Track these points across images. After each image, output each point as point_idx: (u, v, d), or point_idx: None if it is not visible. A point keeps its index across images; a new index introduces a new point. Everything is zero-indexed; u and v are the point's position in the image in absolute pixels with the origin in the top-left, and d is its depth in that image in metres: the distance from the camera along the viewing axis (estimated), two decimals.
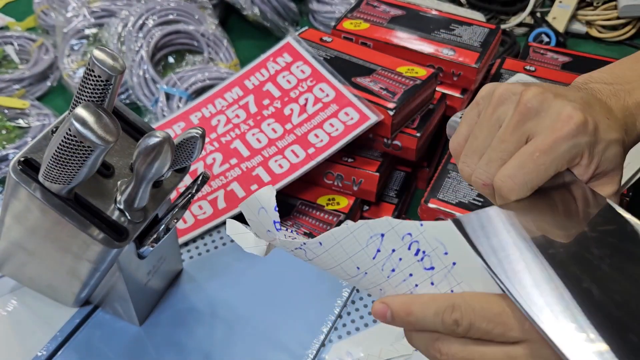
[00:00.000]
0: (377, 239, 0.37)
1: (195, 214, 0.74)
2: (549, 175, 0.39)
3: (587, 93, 0.43)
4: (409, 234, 0.36)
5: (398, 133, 0.75)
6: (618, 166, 0.41)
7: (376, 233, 0.36)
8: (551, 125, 0.39)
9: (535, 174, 0.39)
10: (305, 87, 0.80)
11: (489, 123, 0.41)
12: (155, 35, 0.95)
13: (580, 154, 0.39)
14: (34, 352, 0.60)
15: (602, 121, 0.40)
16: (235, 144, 0.78)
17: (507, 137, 0.40)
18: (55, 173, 0.44)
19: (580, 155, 0.39)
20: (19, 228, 0.53)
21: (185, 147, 0.52)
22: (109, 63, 0.45)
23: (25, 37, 1.05)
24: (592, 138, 0.39)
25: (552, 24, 1.08)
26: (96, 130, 0.41)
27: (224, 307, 0.65)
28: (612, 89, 0.44)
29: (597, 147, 0.40)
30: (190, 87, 0.92)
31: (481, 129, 0.42)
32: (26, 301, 0.64)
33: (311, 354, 0.60)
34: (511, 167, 0.39)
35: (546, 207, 0.40)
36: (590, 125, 0.39)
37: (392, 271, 0.37)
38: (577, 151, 0.39)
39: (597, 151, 0.40)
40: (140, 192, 0.49)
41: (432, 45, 0.85)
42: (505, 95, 0.41)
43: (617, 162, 0.41)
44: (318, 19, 1.11)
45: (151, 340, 0.62)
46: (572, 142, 0.39)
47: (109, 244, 0.49)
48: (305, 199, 0.76)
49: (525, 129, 0.40)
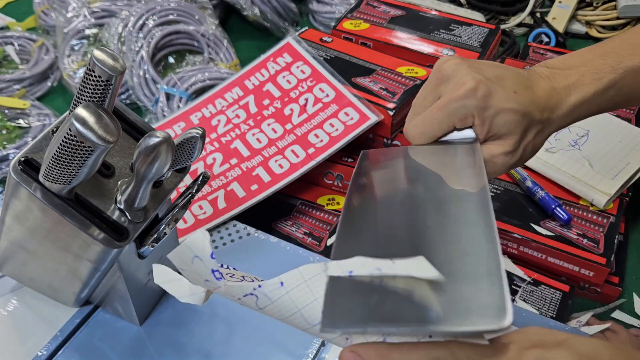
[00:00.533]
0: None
1: (195, 214, 0.74)
2: (443, 129, 0.48)
3: (516, 72, 0.49)
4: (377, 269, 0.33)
5: (398, 133, 0.75)
6: (513, 132, 0.47)
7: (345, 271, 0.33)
8: (450, 89, 0.47)
9: (431, 126, 0.48)
10: (305, 87, 0.80)
11: (424, 87, 0.51)
12: (156, 35, 0.95)
13: (471, 115, 0.47)
14: (35, 352, 0.60)
15: (500, 92, 0.47)
16: (235, 144, 0.78)
17: (425, 96, 0.50)
18: (55, 173, 0.45)
19: (472, 116, 0.47)
20: (20, 228, 0.53)
21: (186, 147, 0.52)
22: (109, 63, 0.45)
23: (26, 37, 1.06)
24: (480, 103, 0.46)
25: (551, 24, 1.08)
26: (96, 131, 0.41)
27: (224, 307, 0.65)
28: (550, 72, 0.50)
29: (487, 112, 0.47)
30: (191, 87, 0.92)
31: (419, 92, 0.51)
32: (26, 301, 0.64)
33: (311, 353, 0.60)
34: (417, 119, 0.49)
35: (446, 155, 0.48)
36: (480, 92, 0.46)
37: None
38: (465, 111, 0.46)
39: (487, 115, 0.47)
40: (141, 192, 0.49)
41: (431, 46, 0.85)
42: (439, 65, 0.50)
43: (510, 127, 0.47)
44: (318, 19, 1.11)
45: (151, 340, 0.62)
46: (460, 103, 0.46)
47: (109, 244, 0.49)
48: (305, 199, 0.76)
49: (438, 91, 0.49)
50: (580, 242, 0.67)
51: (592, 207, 0.71)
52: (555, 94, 0.49)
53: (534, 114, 0.48)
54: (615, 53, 0.51)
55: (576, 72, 0.50)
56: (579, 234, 0.68)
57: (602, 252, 0.66)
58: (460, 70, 0.47)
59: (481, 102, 0.46)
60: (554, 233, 0.68)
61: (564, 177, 0.73)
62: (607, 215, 0.70)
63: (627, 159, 0.74)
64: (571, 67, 0.51)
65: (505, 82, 0.48)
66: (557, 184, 0.74)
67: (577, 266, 0.66)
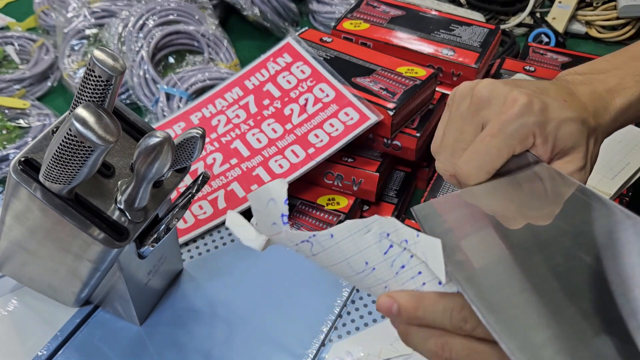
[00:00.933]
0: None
1: (195, 214, 0.74)
2: (503, 157, 0.41)
3: (551, 82, 0.45)
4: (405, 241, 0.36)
5: (398, 133, 0.76)
6: (578, 143, 0.42)
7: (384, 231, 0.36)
8: (499, 111, 0.41)
9: (488, 157, 0.41)
10: (305, 87, 0.80)
11: (455, 120, 0.44)
12: (156, 35, 0.95)
13: (532, 134, 0.41)
14: (35, 352, 0.60)
15: (553, 102, 0.42)
16: (235, 144, 0.78)
17: (465, 128, 0.43)
18: (55, 173, 0.45)
19: (532, 135, 0.41)
20: (20, 228, 0.53)
21: (186, 147, 0.52)
22: (109, 63, 0.45)
23: (26, 37, 1.06)
24: (539, 118, 0.41)
25: (551, 24, 1.08)
26: (97, 131, 0.41)
27: (224, 307, 0.65)
28: (584, 78, 0.46)
29: (548, 126, 0.41)
30: (191, 87, 0.92)
31: (449, 126, 0.44)
32: (26, 301, 0.64)
33: (311, 353, 0.60)
34: (467, 154, 0.42)
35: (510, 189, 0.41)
36: (536, 105, 0.41)
37: (401, 267, 0.37)
38: (525, 131, 0.41)
39: (549, 130, 0.41)
40: (141, 192, 0.50)
41: (431, 46, 0.85)
42: (465, 92, 0.44)
43: (576, 139, 0.42)
44: (318, 19, 1.11)
45: (151, 340, 0.62)
46: (518, 122, 0.40)
47: (110, 244, 0.49)
48: (305, 199, 0.76)
49: (479, 118, 0.42)
50: None
51: None
52: (599, 98, 0.45)
53: (589, 121, 0.43)
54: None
55: (613, 75, 0.47)
56: None
57: None
58: (501, 88, 0.42)
59: (540, 117, 0.41)
60: None
61: None
62: None
63: (627, 159, 0.74)
64: (604, 71, 0.47)
65: (551, 93, 0.43)
66: None
67: None
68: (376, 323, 0.63)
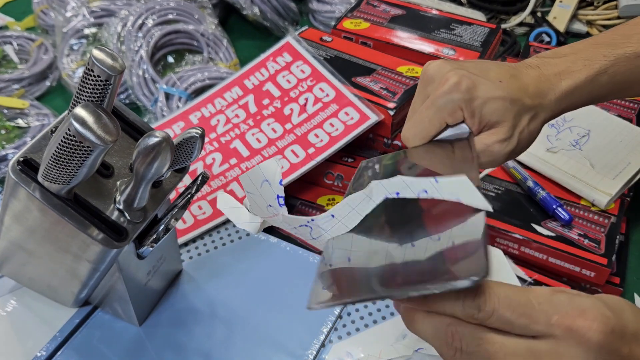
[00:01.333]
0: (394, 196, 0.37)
1: (194, 214, 0.74)
2: (435, 127, 0.49)
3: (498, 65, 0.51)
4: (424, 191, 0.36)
5: (398, 133, 0.75)
6: (503, 118, 0.48)
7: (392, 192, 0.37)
8: (435, 87, 0.48)
9: (422, 126, 0.49)
10: (305, 86, 0.79)
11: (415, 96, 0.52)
12: (155, 34, 0.95)
13: (459, 108, 0.47)
14: (34, 353, 0.60)
15: (485, 82, 0.48)
16: (235, 143, 0.78)
17: (416, 101, 0.51)
18: (54, 173, 0.44)
19: (460, 109, 0.47)
20: (19, 228, 0.53)
21: (185, 147, 0.52)
22: (108, 63, 0.45)
23: (25, 36, 1.05)
24: (465, 95, 0.47)
25: (552, 23, 1.08)
26: (95, 130, 0.41)
27: (224, 307, 0.65)
28: (539, 61, 0.52)
29: (474, 103, 0.47)
30: (190, 87, 0.91)
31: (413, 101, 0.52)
32: (26, 301, 0.64)
33: (311, 354, 0.60)
34: (409, 122, 0.51)
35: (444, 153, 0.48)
36: (464, 84, 0.47)
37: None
38: (452, 106, 0.47)
39: (475, 106, 0.47)
40: (140, 192, 0.49)
41: (432, 45, 0.85)
42: (422, 71, 0.51)
43: (500, 114, 0.48)
44: (318, 19, 1.11)
45: (151, 341, 0.62)
46: (445, 98, 0.47)
47: (109, 244, 0.49)
48: (305, 199, 0.76)
49: (425, 93, 0.50)
50: (581, 243, 0.67)
51: (593, 208, 0.71)
52: (545, 80, 0.50)
53: (523, 100, 0.49)
54: (607, 42, 0.52)
55: (566, 59, 0.52)
56: (580, 234, 0.68)
57: (603, 252, 0.66)
58: (443, 69, 0.49)
59: (466, 94, 0.47)
60: (555, 233, 0.68)
61: (565, 177, 0.73)
62: (608, 215, 0.70)
63: (628, 158, 0.74)
64: (562, 56, 0.52)
65: (490, 74, 0.49)
66: (558, 184, 0.73)
67: (578, 267, 0.66)
68: (376, 324, 0.63)
